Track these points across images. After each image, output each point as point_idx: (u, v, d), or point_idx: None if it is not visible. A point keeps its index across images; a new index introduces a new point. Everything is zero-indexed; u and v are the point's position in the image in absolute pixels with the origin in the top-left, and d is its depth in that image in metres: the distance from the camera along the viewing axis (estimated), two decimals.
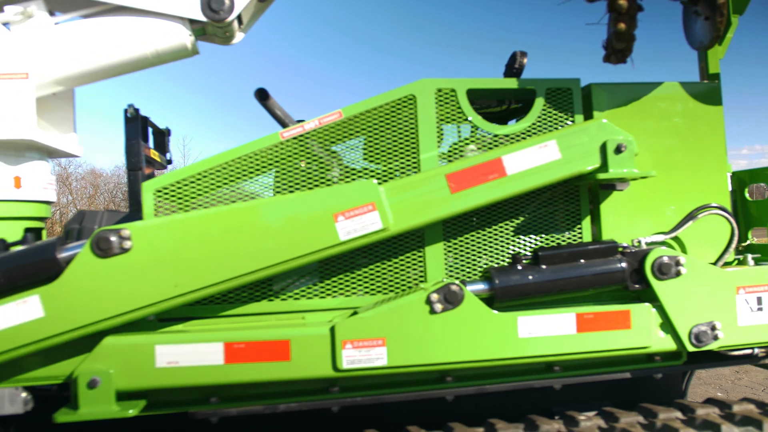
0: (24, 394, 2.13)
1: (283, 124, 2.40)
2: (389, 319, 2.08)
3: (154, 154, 3.09)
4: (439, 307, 2.08)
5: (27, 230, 2.39)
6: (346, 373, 2.06)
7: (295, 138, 2.23)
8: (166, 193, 2.17)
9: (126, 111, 2.85)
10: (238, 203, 2.09)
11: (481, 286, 2.17)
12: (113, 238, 1.97)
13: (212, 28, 2.56)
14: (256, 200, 2.14)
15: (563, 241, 2.38)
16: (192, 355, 2.02)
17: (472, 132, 2.37)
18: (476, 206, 2.16)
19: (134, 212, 2.45)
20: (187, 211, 2.15)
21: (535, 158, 2.18)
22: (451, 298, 2.08)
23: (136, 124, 2.83)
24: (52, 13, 2.47)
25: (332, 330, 2.06)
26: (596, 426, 2.15)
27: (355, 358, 2.06)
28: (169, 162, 3.34)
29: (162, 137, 3.26)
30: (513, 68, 2.56)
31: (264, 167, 2.23)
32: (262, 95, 2.39)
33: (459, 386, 2.24)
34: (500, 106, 2.71)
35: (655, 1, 2.48)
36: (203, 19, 2.45)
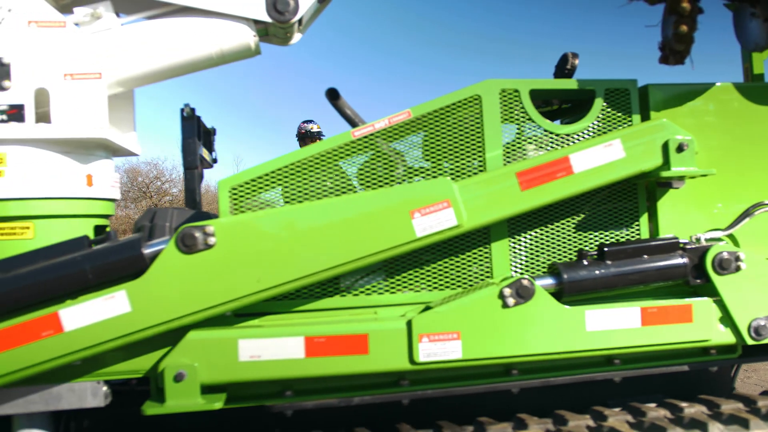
0: (104, 388, 2.17)
1: (353, 124, 2.45)
2: (464, 313, 2.13)
3: (205, 153, 3.13)
4: (511, 301, 2.14)
5: (96, 227, 2.43)
6: (423, 366, 2.12)
7: (365, 137, 2.28)
8: (242, 191, 2.21)
9: (182, 110, 2.89)
10: (320, 200, 2.14)
11: (549, 281, 2.23)
12: (198, 235, 2.01)
13: (274, 28, 2.60)
14: (336, 197, 2.19)
15: (622, 237, 2.45)
16: (273, 349, 2.07)
17: (532, 131, 2.43)
18: (545, 203, 2.22)
19: (202, 210, 2.49)
20: (261, 209, 2.20)
21: (601, 157, 2.25)
22: (523, 293, 2.14)
23: (193, 123, 2.87)
24: (117, 15, 2.50)
25: (409, 324, 2.12)
26: (663, 416, 2.21)
27: (432, 351, 2.11)
28: (215, 161, 3.38)
29: (208, 136, 3.30)
30: (565, 69, 2.63)
31: (336, 165, 2.27)
32: (332, 95, 2.44)
33: (524, 379, 2.30)
34: (550, 106, 2.78)
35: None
36: (268, 20, 2.50)
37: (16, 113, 2.25)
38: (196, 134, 2.88)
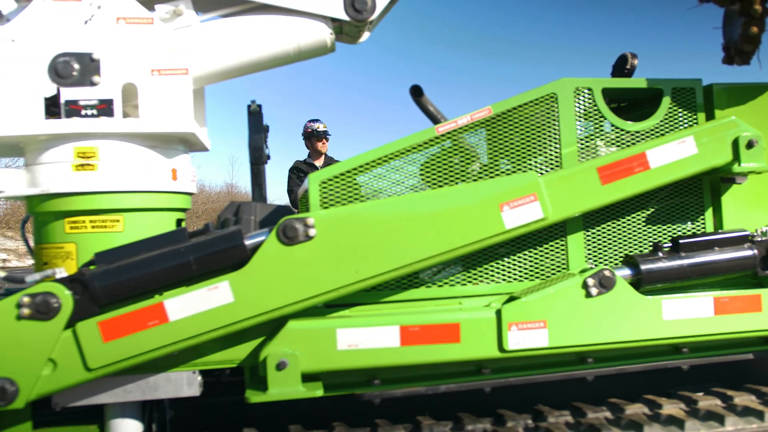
0: (199, 378, 2.22)
1: (435, 120, 2.51)
2: (550, 303, 2.21)
3: None
4: (594, 291, 2.22)
5: (177, 221, 2.47)
6: (511, 354, 2.19)
7: (449, 133, 2.35)
8: (331, 185, 2.27)
9: (249, 106, 2.93)
10: (416, 193, 2.20)
11: (626, 272, 2.31)
12: (299, 226, 2.06)
13: (349, 27, 2.66)
14: (430, 191, 2.25)
15: (687, 231, 2.54)
16: (370, 337, 2.13)
17: (601, 128, 2.51)
18: (623, 197, 2.31)
19: (285, 205, 2.54)
20: (351, 202, 2.25)
21: (675, 153, 2.34)
22: (605, 283, 2.23)
23: (259, 119, 2.92)
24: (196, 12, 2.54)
25: (498, 314, 2.19)
26: (715, 404, 2.32)
27: (520, 339, 2.19)
28: (268, 157, 3.42)
29: (265, 133, 3.34)
30: (624, 69, 2.72)
31: (420, 159, 2.34)
32: (416, 92, 2.50)
33: (599, 367, 2.38)
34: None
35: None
36: (345, 18, 2.56)
37: (105, 108, 2.28)
38: (262, 130, 2.93)
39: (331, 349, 2.11)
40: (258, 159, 2.95)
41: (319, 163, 6.59)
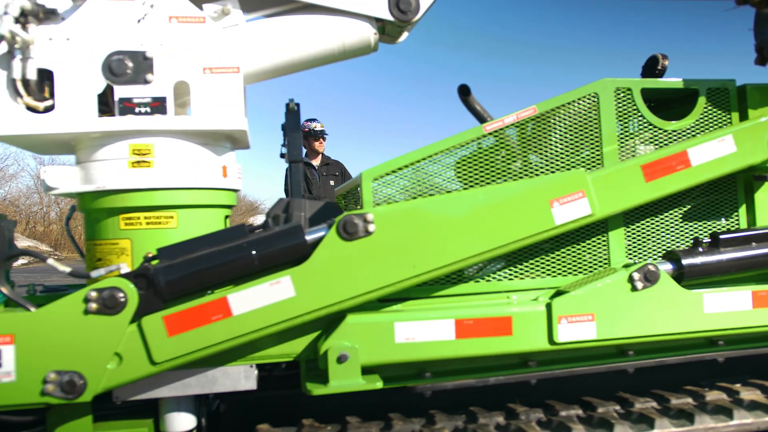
0: (255, 372, 2.25)
1: (482, 119, 2.57)
2: (598, 296, 2.28)
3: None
4: (640, 285, 2.29)
5: (225, 217, 2.50)
6: (561, 346, 2.25)
7: (496, 131, 2.41)
8: (383, 181, 2.31)
9: (287, 105, 2.96)
10: (469, 190, 2.25)
11: (668, 266, 2.38)
12: (359, 222, 2.11)
13: (391, 27, 2.71)
14: (482, 187, 2.30)
15: (722, 227, 2.62)
16: (426, 330, 2.18)
17: (638, 127, 2.58)
18: (666, 194, 2.38)
19: (332, 202, 2.58)
20: (404, 198, 2.30)
21: (715, 151, 2.41)
22: (650, 277, 2.29)
23: (297, 118, 2.95)
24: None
25: (548, 307, 2.25)
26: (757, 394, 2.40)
27: (569, 332, 2.25)
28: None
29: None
30: (656, 70, 2.79)
31: (468, 156, 2.39)
32: (464, 91, 2.55)
33: (639, 359, 2.45)
34: None
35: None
36: (390, 18, 2.60)
37: (159, 106, 2.31)
38: (299, 128, 2.96)
39: (390, 342, 2.16)
40: (296, 157, 2.99)
41: (316, 162, 6.61)
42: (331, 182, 6.66)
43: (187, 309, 2.03)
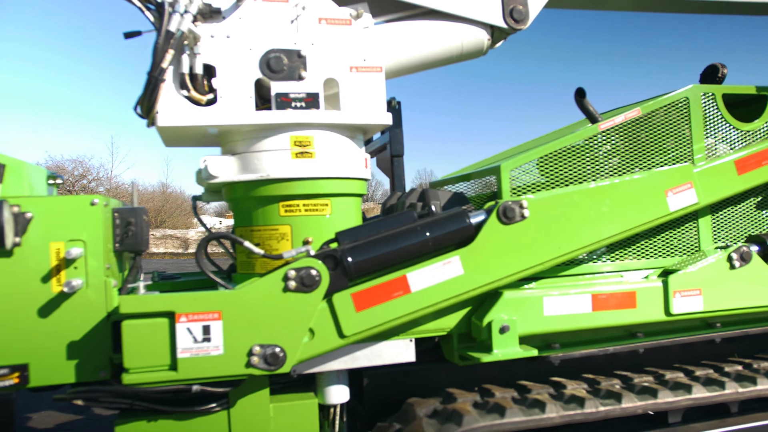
0: (413, 345, 2.46)
1: (594, 119, 2.85)
2: (704, 274, 2.62)
3: None
4: (737, 264, 2.65)
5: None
6: (675, 317, 2.58)
7: (609, 129, 2.72)
8: (518, 172, 2.58)
9: (389, 102, 3.17)
10: (601, 183, 2.54)
11: (755, 248, 2.76)
12: (515, 208, 2.37)
13: (498, 34, 2.97)
14: (613, 180, 2.59)
15: None
16: (569, 304, 2.46)
17: (721, 127, 2.95)
18: (754, 185, 2.76)
19: (460, 192, 2.82)
20: (540, 189, 2.57)
21: None
22: (745, 257, 2.66)
23: (399, 115, 3.17)
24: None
25: (665, 283, 2.57)
26: None
27: (682, 304, 2.58)
28: None
29: None
30: (716, 77, 3.18)
31: (588, 152, 2.69)
32: (580, 93, 2.84)
33: (725, 330, 2.82)
34: None
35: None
36: (503, 26, 2.87)
37: (312, 101, 2.49)
38: (401, 125, 3.18)
39: (539, 314, 2.43)
40: (399, 151, 3.19)
41: None
42: None
43: (372, 287, 2.23)
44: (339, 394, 2.49)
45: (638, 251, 2.77)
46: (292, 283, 2.14)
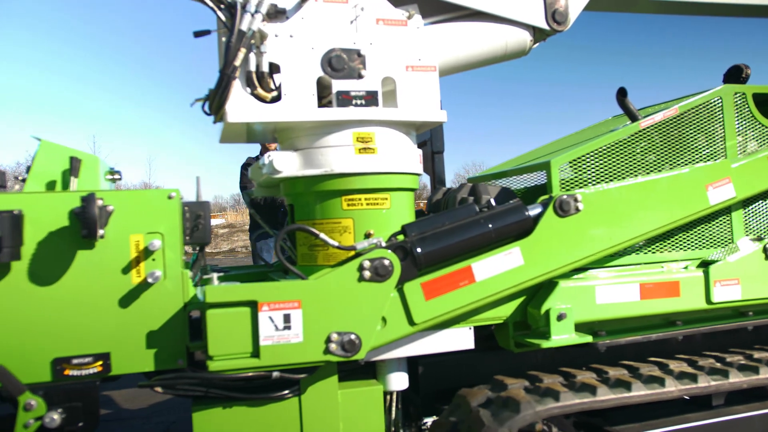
0: (472, 333, 2.57)
1: (634, 118, 2.98)
2: (742, 265, 2.77)
3: None
4: None
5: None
6: (715, 305, 2.72)
7: (648, 127, 2.84)
8: (567, 168, 2.70)
9: None
10: (648, 178, 2.67)
11: None
12: (571, 201, 2.48)
13: (539, 35, 3.09)
14: (657, 175, 2.72)
15: None
16: (618, 293, 2.58)
17: (752, 125, 3.09)
18: None
19: (506, 187, 2.93)
20: (587, 184, 2.69)
21: None
22: None
23: None
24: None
25: (706, 273, 2.71)
26: None
27: (722, 293, 2.72)
28: None
29: None
30: (740, 77, 3.34)
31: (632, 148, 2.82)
32: (623, 93, 2.96)
33: (758, 319, 2.96)
34: None
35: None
36: (546, 27, 2.99)
37: (371, 99, 2.58)
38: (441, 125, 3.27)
39: (592, 303, 2.55)
40: (439, 149, 3.29)
41: None
42: None
43: (439, 276, 2.33)
44: (399, 381, 2.58)
45: (676, 243, 2.91)
46: (367, 273, 2.23)
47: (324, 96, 2.62)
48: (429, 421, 2.78)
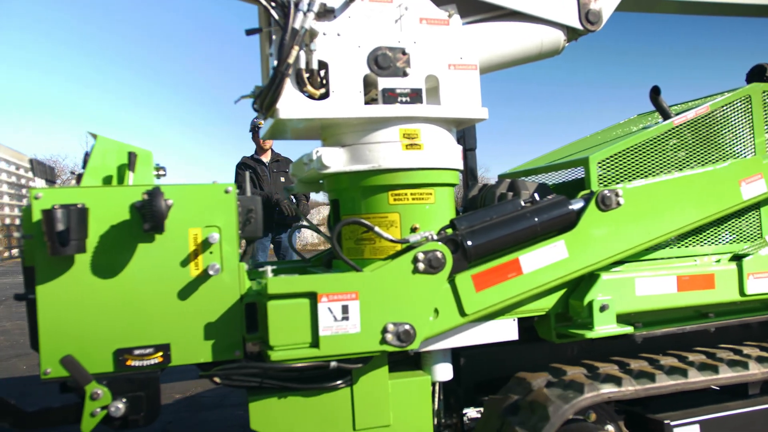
0: (516, 324, 2.63)
1: (667, 116, 3.05)
2: None
3: None
4: None
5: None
6: (749, 297, 2.80)
7: (681, 124, 2.92)
8: (605, 164, 2.76)
9: None
10: (684, 173, 2.74)
11: None
12: (612, 196, 2.55)
13: (572, 35, 3.16)
14: (694, 171, 2.79)
15: None
16: (656, 285, 2.66)
17: None
18: None
19: (543, 182, 3.00)
20: (623, 179, 2.76)
21: None
22: None
23: None
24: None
25: (740, 266, 2.79)
26: None
27: (755, 286, 2.80)
28: None
29: None
30: (764, 76, 3.42)
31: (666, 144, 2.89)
32: (656, 91, 3.04)
33: None
34: None
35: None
36: (579, 27, 3.06)
37: (416, 96, 2.64)
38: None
39: (632, 294, 2.62)
40: (471, 146, 3.36)
41: (265, 158, 6.75)
42: (282, 178, 6.81)
43: (489, 268, 2.39)
44: (444, 372, 2.64)
45: (708, 238, 2.99)
46: (421, 265, 2.29)
47: (367, 93, 2.68)
48: (469, 411, 2.84)
